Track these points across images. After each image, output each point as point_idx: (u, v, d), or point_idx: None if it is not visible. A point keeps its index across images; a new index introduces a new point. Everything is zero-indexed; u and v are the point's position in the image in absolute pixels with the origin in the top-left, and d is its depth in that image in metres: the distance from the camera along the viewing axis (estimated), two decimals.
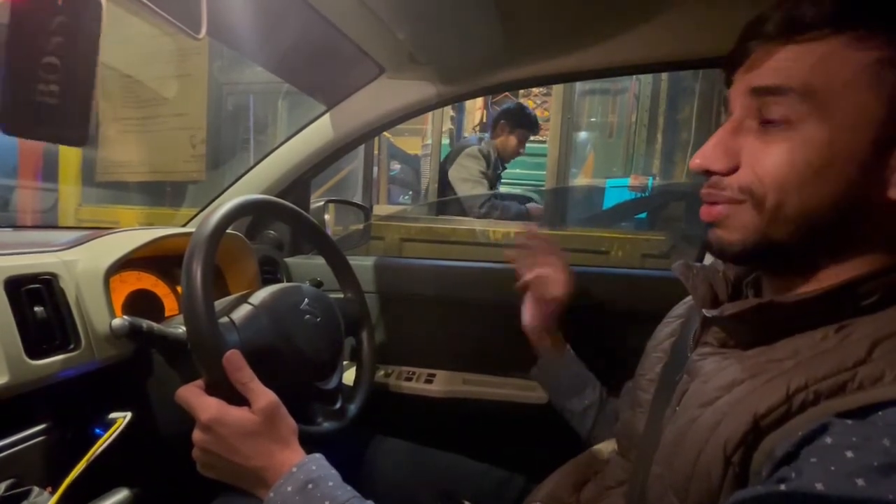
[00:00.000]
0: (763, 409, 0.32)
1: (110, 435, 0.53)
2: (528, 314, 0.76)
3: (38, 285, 0.54)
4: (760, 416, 0.32)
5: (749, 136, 0.38)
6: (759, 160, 0.37)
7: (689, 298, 0.58)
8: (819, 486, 0.27)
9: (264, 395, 0.48)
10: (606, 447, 0.63)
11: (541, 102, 3.85)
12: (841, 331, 0.34)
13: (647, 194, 2.39)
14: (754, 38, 0.38)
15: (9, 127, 0.32)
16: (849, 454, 0.27)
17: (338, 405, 0.67)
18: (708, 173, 0.40)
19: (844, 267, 0.37)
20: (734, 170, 0.38)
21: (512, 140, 2.31)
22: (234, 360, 0.49)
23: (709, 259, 0.88)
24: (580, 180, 2.99)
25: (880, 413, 0.29)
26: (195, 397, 0.48)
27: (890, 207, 0.34)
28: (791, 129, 0.35)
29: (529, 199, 2.18)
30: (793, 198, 0.36)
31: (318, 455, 0.48)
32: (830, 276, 0.37)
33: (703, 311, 0.42)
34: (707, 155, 0.39)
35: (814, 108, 0.35)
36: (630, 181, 2.44)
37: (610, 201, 2.49)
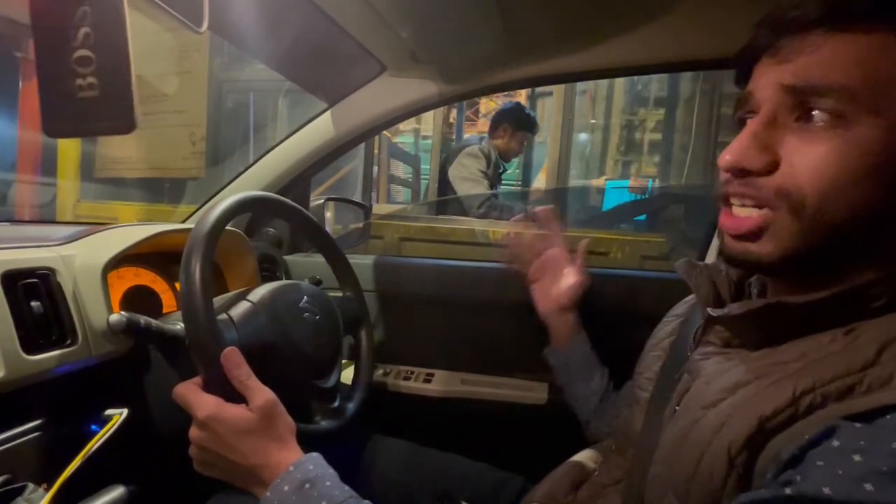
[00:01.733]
0: (769, 412, 0.32)
1: (106, 431, 0.53)
2: (540, 302, 0.75)
3: (35, 280, 0.54)
4: (766, 419, 0.32)
5: (786, 133, 0.35)
6: (802, 160, 0.34)
7: (689, 298, 0.58)
8: (826, 490, 0.26)
9: (262, 393, 0.48)
10: (603, 446, 0.63)
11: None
12: (849, 333, 0.34)
13: (646, 196, 2.40)
14: (786, 26, 0.35)
15: (54, 129, 0.32)
16: (856, 458, 0.27)
17: (336, 404, 0.67)
18: (742, 172, 0.36)
19: (861, 271, 0.35)
20: (772, 169, 0.35)
21: (513, 141, 2.32)
22: (232, 358, 0.48)
23: (710, 258, 0.89)
24: (538, 183, 3.01)
25: (888, 416, 0.28)
26: (192, 394, 0.48)
27: None
28: (838, 127, 0.33)
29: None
30: (835, 203, 0.33)
31: (315, 454, 0.48)
32: (844, 280, 0.35)
33: (709, 310, 0.42)
34: (742, 150, 0.35)
35: (864, 106, 0.32)
36: (630, 183, 2.45)
37: (609, 203, 2.50)
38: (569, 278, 0.72)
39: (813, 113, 0.34)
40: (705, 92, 2.41)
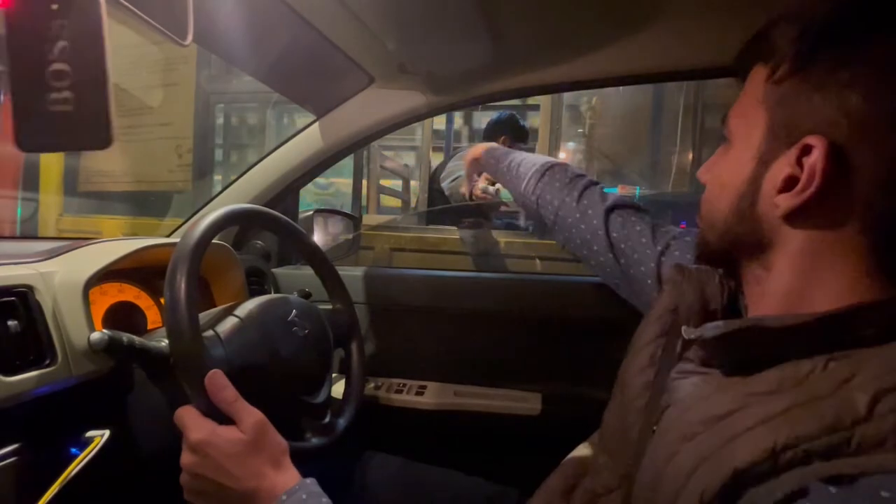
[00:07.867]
0: (744, 464, 0.30)
1: (87, 454, 0.51)
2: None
3: (12, 298, 0.52)
4: (741, 472, 0.30)
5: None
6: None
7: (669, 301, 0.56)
8: None
9: (251, 414, 0.47)
10: (591, 451, 0.61)
11: None
12: (830, 364, 0.32)
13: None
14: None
15: (28, 143, 0.31)
16: None
17: (326, 420, 0.65)
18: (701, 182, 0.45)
19: (831, 296, 0.34)
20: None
21: None
22: (216, 380, 0.47)
23: None
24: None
25: (862, 480, 0.26)
26: (190, 417, 0.46)
27: (773, 220, 0.36)
28: (725, 149, 0.42)
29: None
30: (710, 207, 0.42)
31: (310, 480, 0.47)
32: (816, 305, 0.35)
33: (683, 331, 0.41)
34: (703, 167, 0.45)
35: (738, 137, 0.40)
36: (617, 191, 2.47)
37: None
38: None
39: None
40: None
